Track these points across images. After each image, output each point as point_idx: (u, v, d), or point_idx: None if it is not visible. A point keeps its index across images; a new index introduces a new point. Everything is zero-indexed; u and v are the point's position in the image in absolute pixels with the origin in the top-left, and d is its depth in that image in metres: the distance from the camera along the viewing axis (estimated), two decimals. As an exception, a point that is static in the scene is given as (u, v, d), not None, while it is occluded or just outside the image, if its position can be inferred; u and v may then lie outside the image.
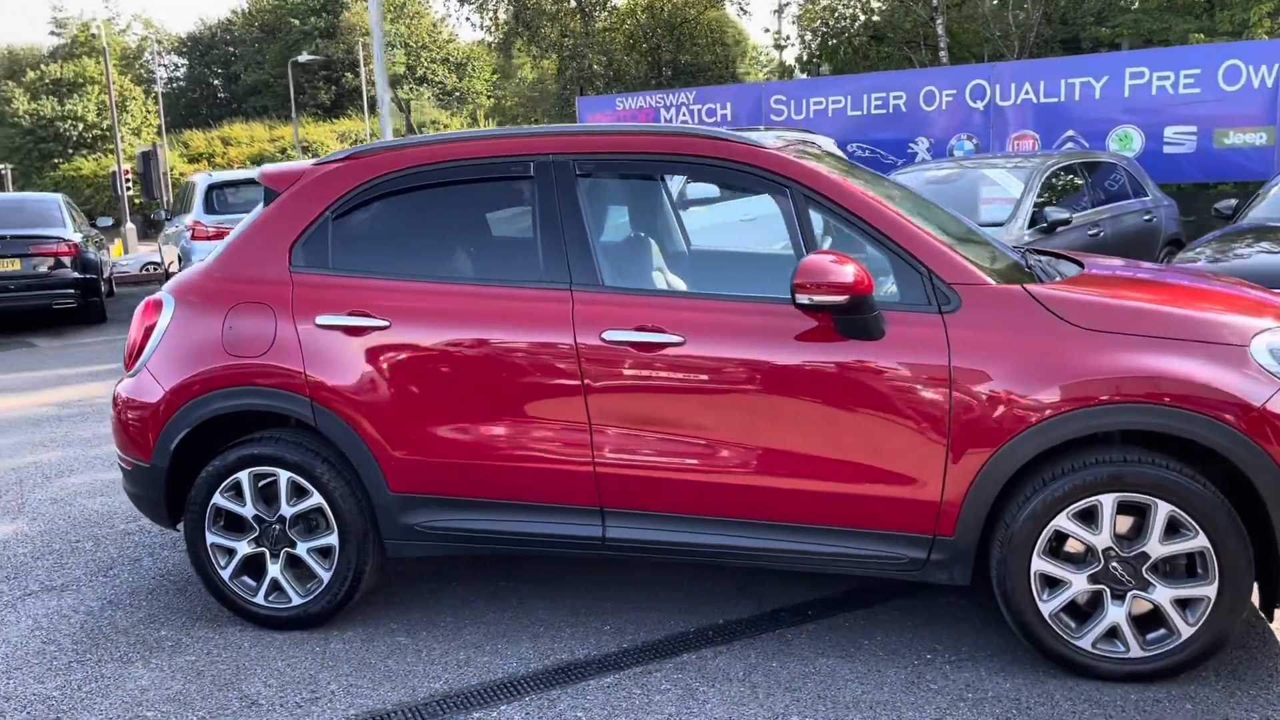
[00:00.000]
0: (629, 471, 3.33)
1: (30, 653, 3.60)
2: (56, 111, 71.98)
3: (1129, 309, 3.14)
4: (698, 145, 3.42)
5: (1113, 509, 3.02)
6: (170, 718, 3.13)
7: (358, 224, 3.62)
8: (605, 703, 3.11)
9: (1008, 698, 3.04)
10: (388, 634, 3.63)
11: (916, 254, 3.19)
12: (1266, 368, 2.97)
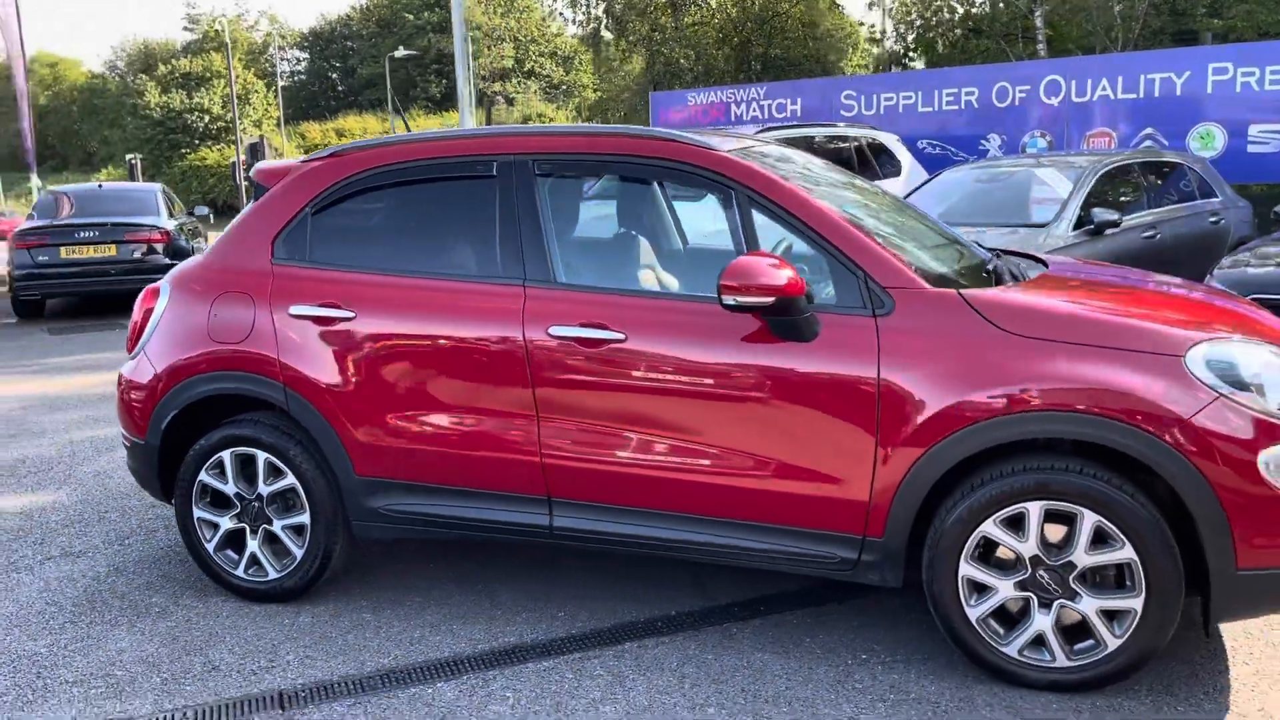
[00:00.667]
0: (574, 463, 3.43)
1: (32, 612, 3.90)
2: (185, 104, 75.34)
3: (1063, 315, 3.10)
4: (649, 146, 3.50)
5: (1039, 517, 3.00)
6: (136, 678, 3.36)
7: (334, 219, 3.81)
8: (537, 684, 3.23)
9: (928, 700, 3.05)
10: (355, 610, 3.81)
11: (853, 257, 3.20)
12: (1201, 379, 2.90)
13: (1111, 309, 3.22)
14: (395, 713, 3.09)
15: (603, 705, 3.10)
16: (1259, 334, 3.19)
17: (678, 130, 3.91)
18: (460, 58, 15.08)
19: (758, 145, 3.77)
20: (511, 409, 3.47)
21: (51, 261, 12.33)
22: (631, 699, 3.12)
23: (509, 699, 3.15)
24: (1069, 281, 3.63)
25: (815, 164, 4.09)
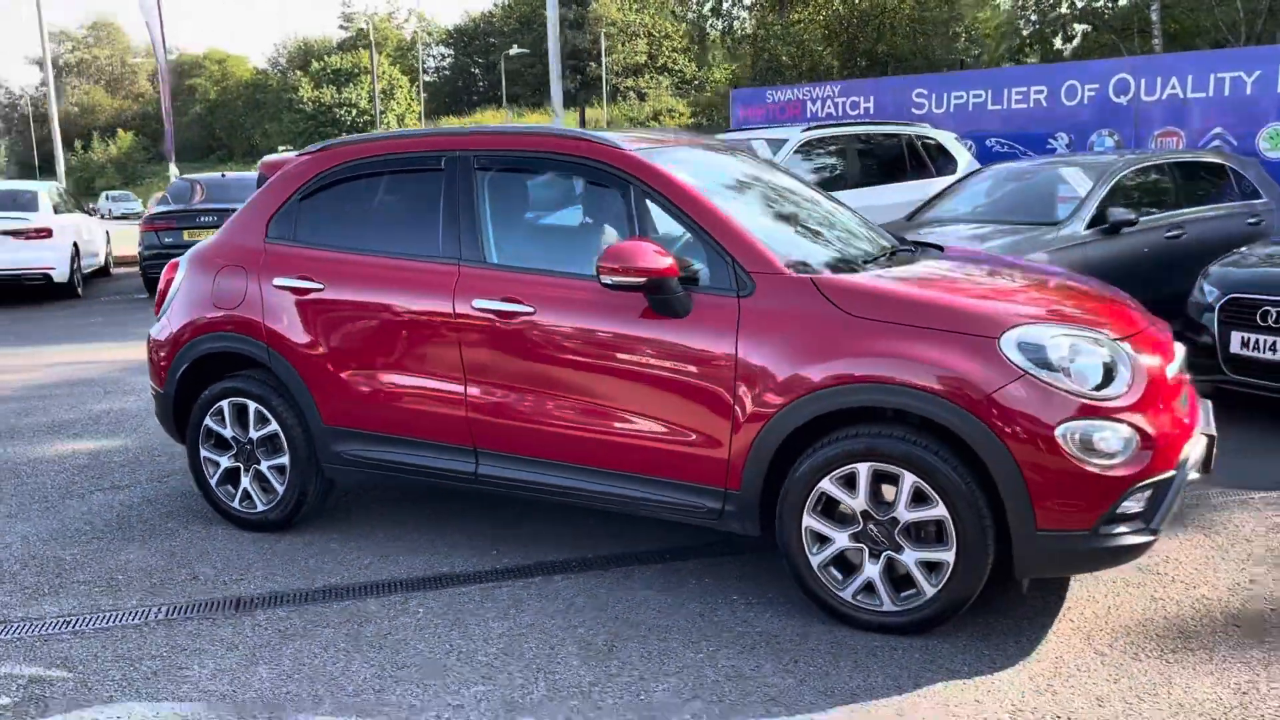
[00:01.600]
0: (493, 419, 3.98)
1: (71, 529, 4.68)
2: (334, 98, 79.00)
3: (898, 299, 3.48)
4: (563, 144, 4.01)
5: (868, 476, 3.39)
6: (132, 582, 4.07)
7: (316, 204, 4.44)
8: (447, 604, 3.79)
9: (770, 635, 3.48)
10: (324, 540, 4.45)
11: (725, 244, 3.65)
12: (1011, 359, 3.25)
13: (950, 295, 3.56)
14: (323, 618, 3.70)
15: (493, 621, 3.64)
16: (1104, 325, 3.49)
17: (602, 131, 4.39)
18: (554, 56, 15.76)
19: (670, 146, 4.23)
20: (444, 371, 4.04)
21: (175, 244, 13.54)
22: (520, 619, 3.65)
23: (419, 614, 3.72)
24: (937, 270, 3.97)
25: (739, 164, 4.53)
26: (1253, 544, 4.14)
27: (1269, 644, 3.32)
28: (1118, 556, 3.35)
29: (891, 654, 3.32)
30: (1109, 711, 2.96)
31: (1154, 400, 3.36)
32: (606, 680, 3.21)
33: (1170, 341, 3.78)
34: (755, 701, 3.06)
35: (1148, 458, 3.26)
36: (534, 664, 3.32)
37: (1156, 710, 2.96)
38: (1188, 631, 3.42)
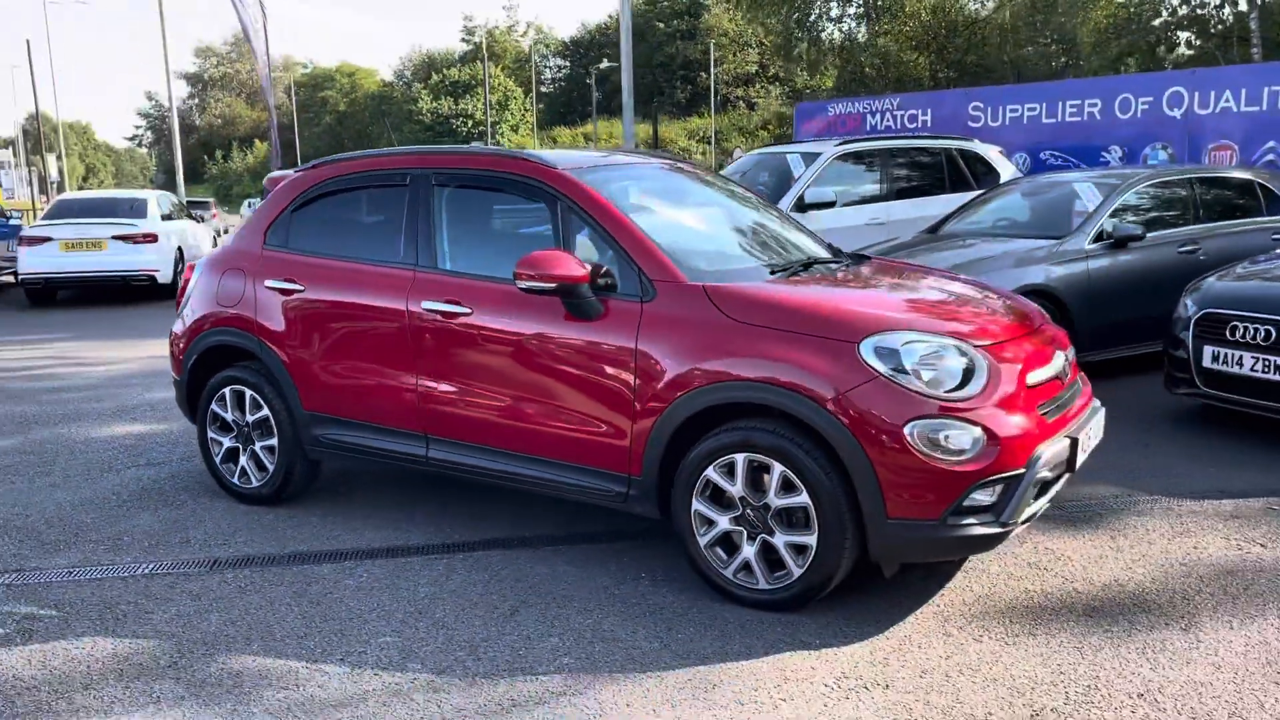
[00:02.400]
0: (438, 407, 4.46)
1: (98, 498, 5.34)
2: (451, 109, 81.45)
3: (775, 305, 3.81)
4: (507, 163, 4.46)
5: (745, 466, 3.74)
6: (134, 543, 4.68)
7: (305, 215, 5.00)
8: (389, 570, 4.27)
9: (658, 608, 3.85)
10: (306, 514, 5.00)
11: (633, 255, 4.04)
12: (866, 361, 3.56)
13: (826, 303, 3.87)
14: (280, 578, 4.22)
15: (422, 587, 4.10)
16: (966, 333, 3.76)
17: (556, 151, 4.81)
18: (626, 66, 16.22)
19: (609, 166, 4.64)
20: (400, 364, 4.53)
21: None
22: (446, 585, 4.11)
23: (362, 578, 4.22)
24: (838, 280, 4.28)
25: (679, 181, 4.92)
26: (1152, 547, 4.32)
27: (1112, 633, 3.54)
28: (967, 546, 3.62)
29: (758, 627, 3.66)
30: (926, 681, 3.25)
31: (1008, 403, 3.62)
32: (497, 638, 3.64)
33: (1049, 350, 4.01)
34: (616, 660, 3.45)
35: (994, 455, 3.52)
36: (441, 622, 3.77)
37: (970, 683, 3.23)
38: (1041, 620, 3.67)
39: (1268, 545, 4.31)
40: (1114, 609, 3.74)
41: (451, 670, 3.41)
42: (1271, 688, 3.16)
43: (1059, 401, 3.93)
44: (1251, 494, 4.93)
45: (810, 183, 9.59)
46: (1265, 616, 3.64)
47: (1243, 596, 3.81)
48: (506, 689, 3.28)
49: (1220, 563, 4.14)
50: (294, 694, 3.27)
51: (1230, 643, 3.45)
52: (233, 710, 3.18)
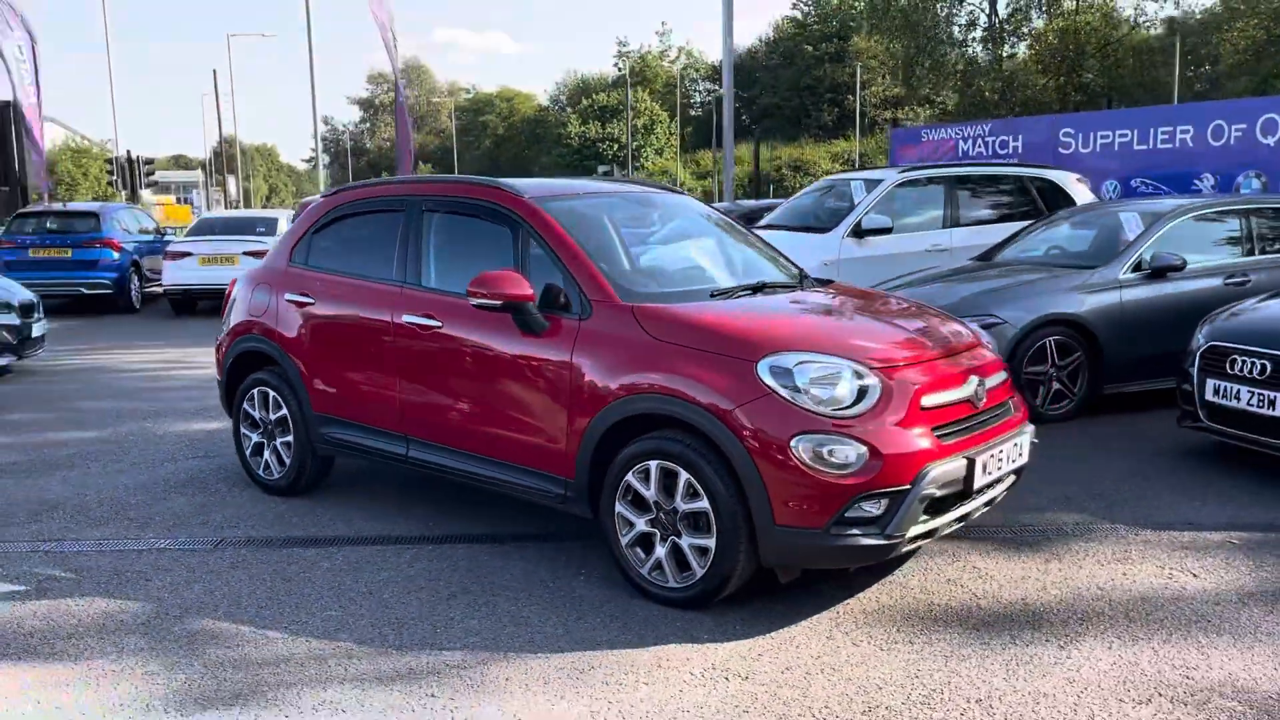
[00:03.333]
0: (415, 412, 4.92)
1: (150, 484, 6.03)
2: (598, 134, 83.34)
3: (689, 325, 4.11)
4: (480, 191, 4.90)
5: (658, 472, 4.05)
6: (161, 523, 5.30)
7: (322, 236, 5.57)
8: (361, 557, 4.74)
9: (579, 600, 4.18)
10: (314, 505, 5.54)
11: (577, 277, 4.41)
12: (762, 379, 3.83)
13: (740, 324, 4.14)
14: (267, 557, 4.75)
15: (383, 572, 4.56)
16: (866, 356, 3.96)
17: (531, 180, 5.21)
18: (727, 89, 16.58)
19: (572, 194, 5.02)
20: (386, 371, 5.02)
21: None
22: (404, 572, 4.55)
23: (337, 560, 4.70)
24: (774, 303, 4.55)
25: (648, 210, 5.28)
26: (1080, 571, 4.40)
27: (989, 646, 3.69)
28: (853, 555, 3.83)
29: (660, 621, 3.96)
30: (784, 676, 3.49)
31: (898, 422, 3.83)
32: (425, 618, 4.04)
33: (961, 374, 4.16)
34: (518, 642, 3.80)
35: (877, 470, 3.74)
36: (383, 602, 4.21)
37: (824, 680, 3.45)
38: (927, 630, 3.84)
39: (1199, 575, 4.33)
40: (1005, 625, 3.88)
41: (372, 641, 3.83)
42: (1114, 704, 3.26)
43: (965, 424, 4.08)
44: (1219, 528, 4.91)
45: (869, 209, 9.73)
46: (1149, 641, 3.71)
47: (1140, 621, 3.88)
48: (409, 660, 3.68)
49: (1140, 589, 4.19)
50: (233, 652, 3.76)
51: (1098, 661, 3.56)
52: (176, 662, 3.68)
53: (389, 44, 22.53)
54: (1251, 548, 4.64)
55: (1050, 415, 7.15)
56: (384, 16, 22.43)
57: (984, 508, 4.30)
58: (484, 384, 4.63)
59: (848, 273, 9.44)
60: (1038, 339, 7.13)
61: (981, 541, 4.79)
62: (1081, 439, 6.69)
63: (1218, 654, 3.60)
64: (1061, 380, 7.21)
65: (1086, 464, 6.09)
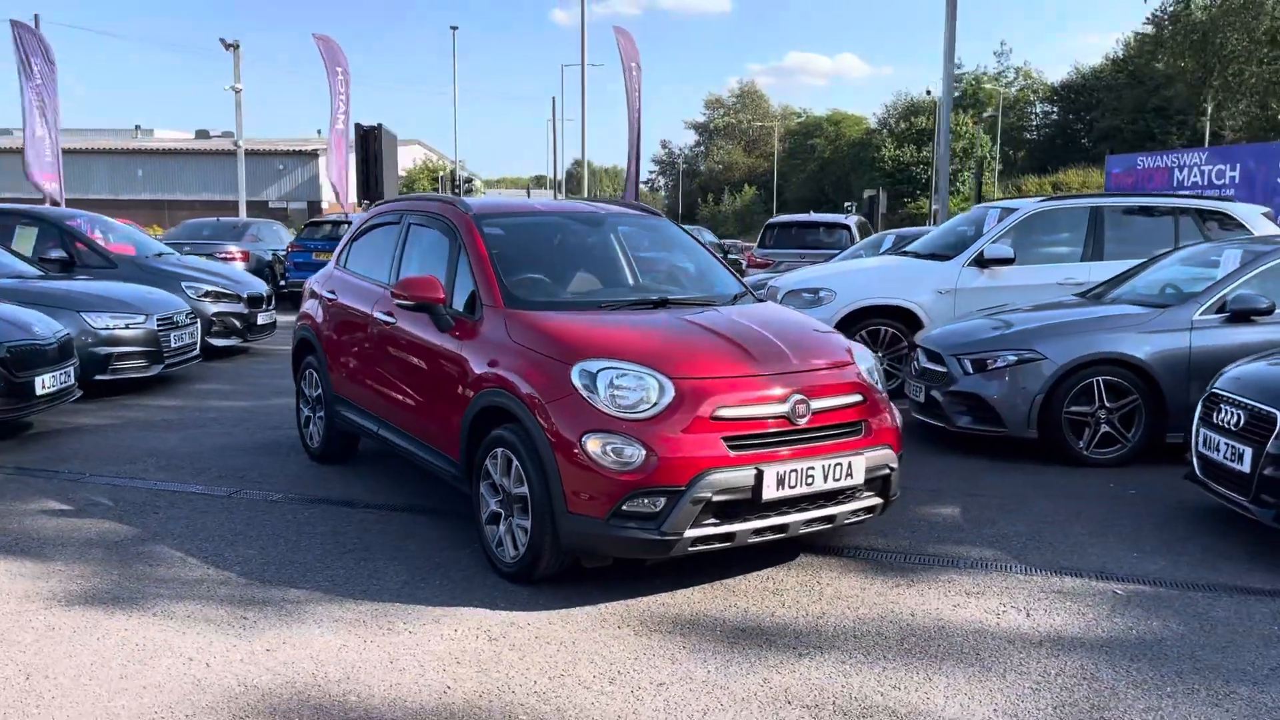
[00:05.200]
0: (382, 397, 5.72)
1: (234, 445, 7.26)
2: (912, 157, 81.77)
3: (537, 331, 4.61)
4: (439, 206, 5.63)
5: (502, 458, 4.59)
6: (210, 474, 6.45)
7: (356, 245, 6.54)
8: (337, 518, 5.57)
9: (446, 565, 4.78)
10: (342, 472, 6.48)
11: (478, 283, 5.03)
12: (572, 381, 4.27)
13: (577, 333, 4.56)
14: (274, 511, 5.70)
15: (321, 527, 5.36)
16: (667, 367, 4.29)
17: (486, 199, 5.84)
18: (945, 101, 16.22)
19: (513, 212, 5.65)
20: (368, 358, 5.87)
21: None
22: (342, 528, 5.33)
23: (304, 516, 5.57)
24: (656, 316, 4.92)
25: (592, 229, 5.79)
26: (901, 597, 4.42)
27: (717, 652, 3.91)
28: (633, 547, 4.18)
29: (485, 588, 4.46)
30: (526, 644, 3.90)
31: (686, 429, 4.13)
32: (310, 564, 4.78)
33: (775, 393, 4.34)
34: (359, 591, 4.46)
35: (653, 469, 4.08)
36: (295, 547, 5.01)
37: (551, 651, 3.84)
38: (671, 632, 4.08)
39: (1032, 615, 4.23)
40: (754, 638, 4.04)
41: (249, 575, 4.65)
42: (732, 712, 3.44)
43: (770, 438, 4.28)
44: (1120, 579, 4.68)
45: (994, 238, 9.47)
46: (882, 665, 3.78)
47: (896, 650, 3.92)
48: (260, 591, 4.45)
49: (947, 622, 4.17)
50: (165, 571, 4.69)
51: (791, 673, 3.69)
52: (102, 569, 4.68)
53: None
54: (1127, 600, 4.42)
55: (1095, 459, 6.80)
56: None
57: (817, 525, 4.45)
58: (415, 374, 5.35)
59: (966, 304, 9.27)
60: (1081, 378, 6.81)
61: (853, 560, 4.87)
62: (1076, 483, 6.35)
63: (939, 686, 3.62)
64: (1113, 424, 6.83)
65: (1046, 505, 5.87)
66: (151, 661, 3.75)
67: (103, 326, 9.07)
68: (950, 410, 7.22)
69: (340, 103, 21.33)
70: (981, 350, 7.14)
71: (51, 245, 11.41)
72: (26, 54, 22.60)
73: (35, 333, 7.28)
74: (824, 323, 9.18)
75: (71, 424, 8.00)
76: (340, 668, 3.70)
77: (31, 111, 23.70)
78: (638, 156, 21.68)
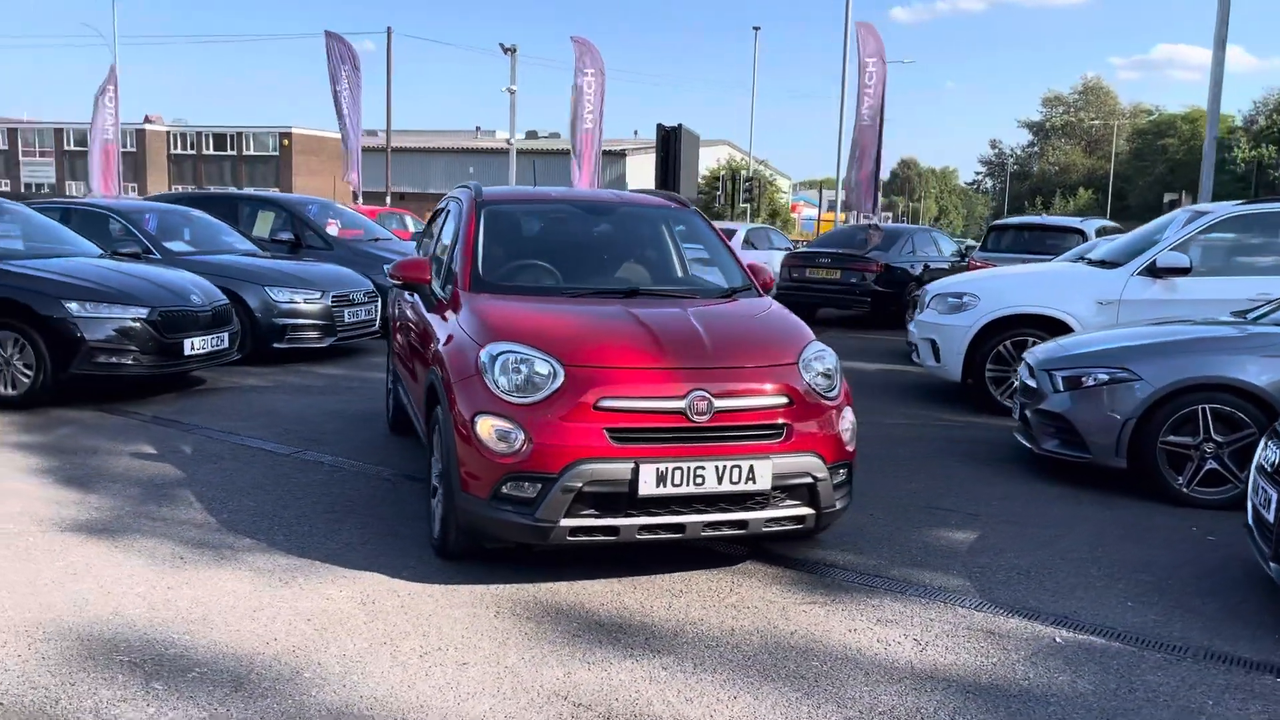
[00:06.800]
0: (403, 371, 6.04)
1: (337, 411, 7.88)
2: (1272, 158, 73.09)
3: (471, 313, 4.71)
4: (458, 192, 5.83)
5: (436, 434, 4.74)
6: (294, 436, 7.06)
7: (429, 230, 6.90)
8: (347, 477, 6.00)
9: (396, 533, 5.00)
10: (400, 441, 6.90)
11: (455, 268, 5.21)
12: (480, 362, 4.33)
13: (499, 318, 4.60)
14: (305, 466, 6.22)
15: (334, 489, 5.75)
16: (561, 354, 4.26)
17: (510, 187, 5.91)
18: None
19: (519, 199, 5.77)
20: (402, 336, 6.21)
21: (800, 278, 16.37)
22: (345, 492, 5.70)
23: (332, 478, 6.00)
24: (589, 304, 4.85)
25: (593, 222, 5.78)
26: (803, 616, 4.11)
27: (559, 649, 3.84)
28: (511, 532, 4.19)
29: (407, 558, 4.63)
30: (386, 612, 4.03)
31: (567, 416, 4.09)
32: (289, 520, 5.15)
33: (674, 387, 4.16)
34: (304, 546, 4.76)
35: (528, 454, 4.08)
36: (285, 503, 5.42)
37: (394, 618, 3.95)
38: (543, 618, 4.05)
39: (927, 651, 3.80)
40: (605, 634, 3.92)
41: (229, 524, 5.08)
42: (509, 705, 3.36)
43: (660, 433, 4.13)
44: (1075, 627, 4.09)
45: (1172, 245, 8.40)
46: (700, 676, 3.56)
47: (734, 664, 3.67)
48: (226, 538, 4.86)
49: (820, 645, 3.85)
50: (165, 511, 5.26)
51: (598, 673, 3.56)
52: (127, 512, 5.28)
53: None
54: (1056, 650, 3.86)
55: (1198, 498, 5.91)
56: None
57: (726, 529, 4.27)
58: (412, 352, 5.64)
59: (1131, 317, 8.30)
60: (1183, 404, 5.94)
61: (796, 572, 4.59)
62: (1152, 522, 5.52)
63: (736, 704, 3.37)
64: (1221, 460, 5.91)
65: (1078, 541, 5.19)
66: (67, 583, 4.23)
67: (284, 300, 10.10)
68: (1038, 430, 6.53)
69: (588, 102, 22.20)
70: (1078, 366, 6.39)
71: (282, 228, 12.81)
72: (337, 61, 25.39)
73: (191, 300, 8.27)
74: (960, 328, 8.63)
75: (236, 384, 9.01)
76: (203, 610, 4.00)
77: (343, 114, 26.61)
78: (877, 157, 20.89)
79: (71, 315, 7.58)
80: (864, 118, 20.76)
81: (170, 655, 3.59)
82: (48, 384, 7.58)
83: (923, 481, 6.31)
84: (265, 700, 3.30)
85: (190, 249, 10.79)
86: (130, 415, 7.53)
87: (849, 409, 4.63)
